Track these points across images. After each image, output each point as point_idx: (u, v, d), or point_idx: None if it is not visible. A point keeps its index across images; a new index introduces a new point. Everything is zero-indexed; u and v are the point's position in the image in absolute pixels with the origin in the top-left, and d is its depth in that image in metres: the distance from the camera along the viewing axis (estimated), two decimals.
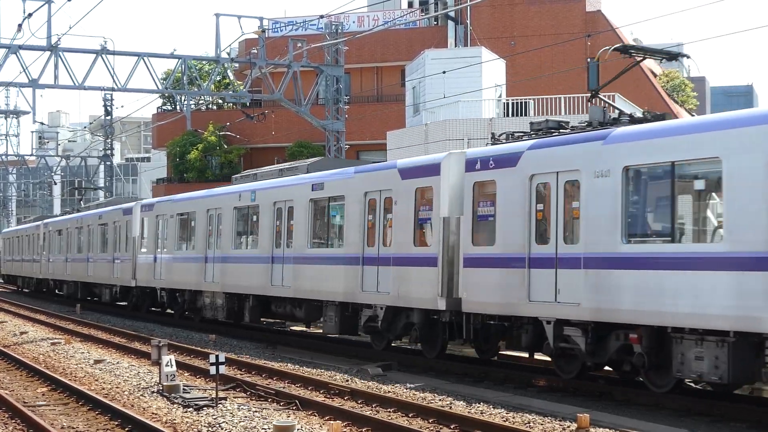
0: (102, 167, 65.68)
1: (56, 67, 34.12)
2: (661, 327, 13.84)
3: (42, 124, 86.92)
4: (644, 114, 16.06)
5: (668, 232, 13.88)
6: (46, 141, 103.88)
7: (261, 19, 37.09)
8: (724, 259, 12.86)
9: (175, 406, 14.53)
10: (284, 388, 16.23)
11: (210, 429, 12.66)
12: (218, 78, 47.72)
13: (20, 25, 32.92)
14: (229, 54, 43.45)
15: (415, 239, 18.84)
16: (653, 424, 13.04)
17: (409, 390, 15.88)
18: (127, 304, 37.14)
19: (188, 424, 12.97)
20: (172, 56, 37.71)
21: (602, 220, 14.64)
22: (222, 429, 12.64)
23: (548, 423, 12.83)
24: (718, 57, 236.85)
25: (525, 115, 36.19)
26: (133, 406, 14.63)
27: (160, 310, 34.72)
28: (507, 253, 16.47)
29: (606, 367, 16.25)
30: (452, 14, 54.18)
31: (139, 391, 16.12)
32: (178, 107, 55.12)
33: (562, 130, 16.88)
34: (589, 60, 17.36)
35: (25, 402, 15.36)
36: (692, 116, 44.21)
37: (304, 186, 23.08)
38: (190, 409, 14.11)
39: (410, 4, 60.94)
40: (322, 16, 40.96)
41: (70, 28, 73.55)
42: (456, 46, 51.38)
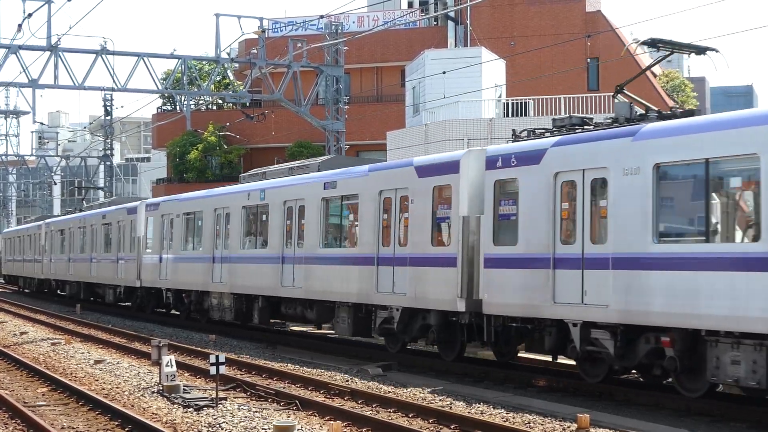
0: (102, 167, 65.67)
1: (56, 67, 34.15)
2: (695, 330, 13.43)
3: (42, 124, 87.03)
4: (672, 110, 15.56)
5: (702, 231, 13.39)
6: (46, 141, 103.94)
7: (261, 19, 37.14)
8: (763, 260, 12.42)
9: (175, 406, 14.54)
10: (284, 388, 16.23)
11: (210, 429, 12.67)
12: (218, 78, 47.73)
13: (20, 25, 32.97)
14: (229, 54, 43.50)
15: (433, 239, 18.39)
16: (653, 424, 13.04)
17: (409, 390, 15.88)
18: (131, 305, 36.70)
19: (188, 425, 12.97)
20: (172, 56, 37.73)
21: (632, 219, 14.21)
22: (222, 429, 12.65)
23: (548, 423, 12.83)
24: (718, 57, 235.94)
25: (525, 116, 36.21)
26: (133, 406, 14.63)
27: (165, 311, 34.24)
28: (530, 254, 16.01)
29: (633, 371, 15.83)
30: (452, 14, 54.14)
31: (139, 391, 16.12)
32: (178, 107, 55.11)
33: (586, 127, 16.39)
34: (588, 61, 17.20)
35: (25, 402, 15.36)
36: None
37: (315, 184, 22.63)
38: (190, 410, 14.11)
39: (410, 4, 60.91)
40: (322, 16, 40.95)
41: (70, 28, 73.42)
42: (456, 46, 51.34)
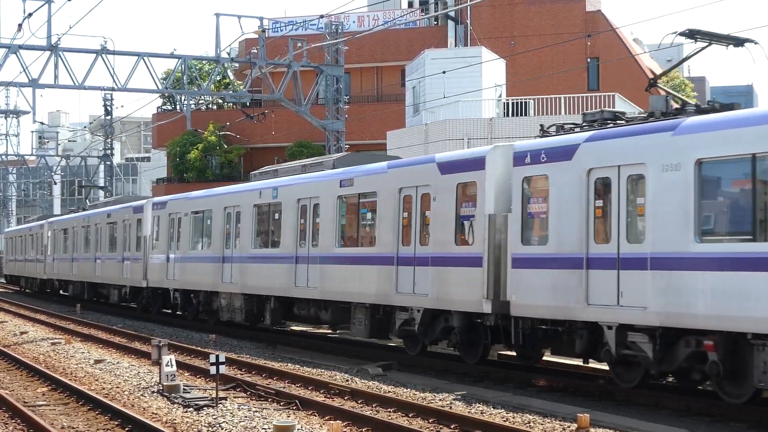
0: (102, 167, 65.66)
1: (56, 67, 34.12)
2: (739, 333, 12.89)
3: (42, 124, 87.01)
4: (711, 103, 14.94)
5: (749, 229, 12.77)
6: (46, 141, 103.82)
7: (261, 19, 37.12)
8: None
9: (175, 406, 14.54)
10: (284, 388, 16.22)
11: (210, 429, 12.67)
12: (218, 78, 47.75)
13: (20, 25, 32.95)
14: (229, 54, 43.47)
15: (457, 238, 17.83)
16: (653, 424, 13.03)
17: (409, 390, 15.88)
18: (137, 305, 36.05)
19: (188, 424, 12.97)
20: (172, 56, 37.72)
21: (672, 217, 13.60)
22: (222, 429, 12.65)
23: (548, 423, 12.83)
24: (718, 57, 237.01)
25: (525, 115, 36.22)
26: (133, 406, 14.63)
27: (171, 311, 33.61)
28: (561, 253, 15.41)
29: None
30: (452, 14, 54.18)
31: (139, 391, 16.12)
32: (178, 107, 55.15)
33: (618, 122, 15.82)
34: (588, 61, 17.11)
35: (25, 402, 15.36)
36: None
37: (331, 182, 22.06)
38: (190, 409, 14.11)
39: (410, 4, 60.96)
40: (322, 16, 40.99)
41: (70, 28, 73.65)
42: (456, 46, 51.36)
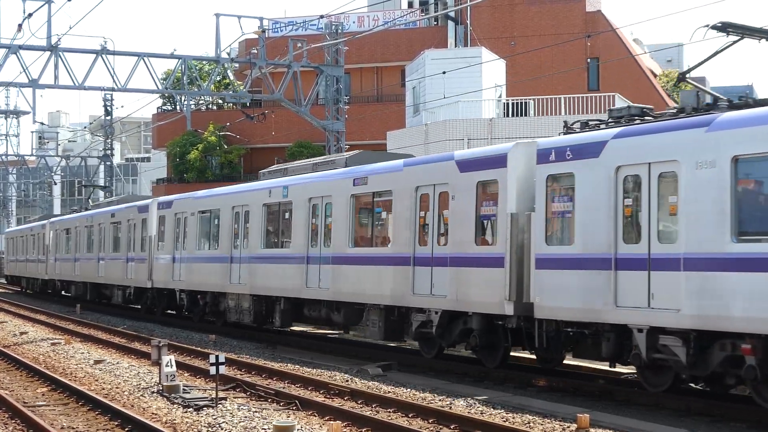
0: (102, 167, 65.68)
1: (56, 67, 34.10)
2: None
3: (42, 124, 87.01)
4: (743, 98, 14.42)
5: None
6: (46, 141, 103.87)
7: (261, 19, 37.10)
8: None
9: (175, 406, 14.53)
10: (284, 388, 16.22)
11: (210, 429, 12.66)
12: (218, 78, 47.70)
13: (20, 25, 32.93)
14: (229, 54, 43.49)
15: (477, 238, 17.37)
16: (653, 424, 13.03)
17: (409, 390, 15.88)
18: (140, 307, 35.69)
19: (188, 425, 12.97)
20: (172, 56, 37.70)
21: (706, 216, 13.11)
22: (222, 429, 12.65)
23: (548, 423, 12.83)
24: (718, 57, 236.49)
25: (525, 115, 36.24)
26: (133, 406, 14.63)
27: (175, 312, 33.16)
28: (588, 254, 14.93)
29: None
30: (452, 14, 54.20)
31: (139, 391, 16.12)
32: (178, 107, 55.12)
33: (646, 118, 15.41)
34: (588, 61, 17.02)
35: (25, 402, 15.36)
36: None
37: (344, 180, 21.58)
38: (190, 410, 14.11)
39: (410, 4, 60.97)
40: (322, 16, 40.96)
41: (70, 28, 73.53)
42: (456, 46, 51.39)
